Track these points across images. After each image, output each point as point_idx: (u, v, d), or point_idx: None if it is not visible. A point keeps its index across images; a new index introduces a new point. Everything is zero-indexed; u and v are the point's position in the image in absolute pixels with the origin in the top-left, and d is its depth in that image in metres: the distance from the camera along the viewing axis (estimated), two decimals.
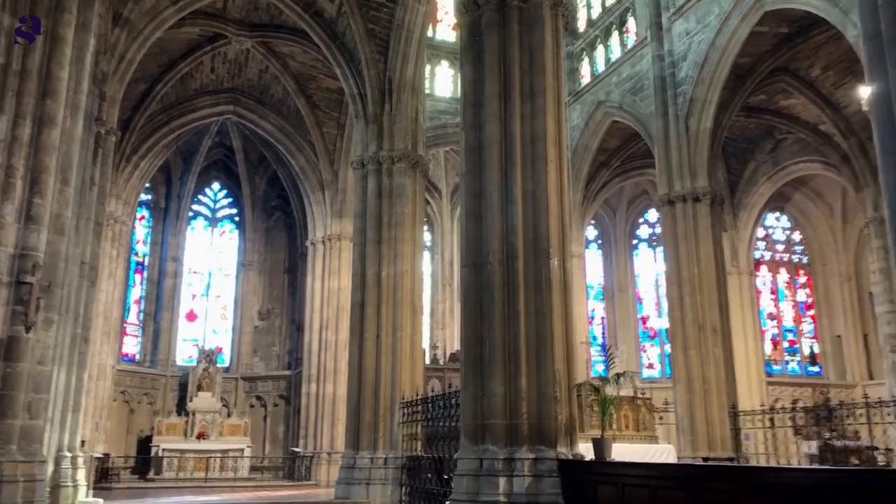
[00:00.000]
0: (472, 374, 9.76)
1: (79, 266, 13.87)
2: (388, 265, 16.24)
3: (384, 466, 15.05)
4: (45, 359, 8.24)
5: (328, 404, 22.16)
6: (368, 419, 15.50)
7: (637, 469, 8.13)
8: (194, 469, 21.44)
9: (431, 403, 14.35)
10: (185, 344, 26.06)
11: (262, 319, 26.80)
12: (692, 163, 19.03)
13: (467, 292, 10.13)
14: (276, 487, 20.07)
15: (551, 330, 9.39)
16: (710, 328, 17.94)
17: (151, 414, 23.76)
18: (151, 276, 25.61)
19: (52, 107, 8.51)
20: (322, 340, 22.78)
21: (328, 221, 23.42)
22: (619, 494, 7.69)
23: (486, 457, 9.22)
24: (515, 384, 9.30)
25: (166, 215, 26.08)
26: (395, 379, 15.56)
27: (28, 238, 8.14)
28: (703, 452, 17.09)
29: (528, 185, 9.90)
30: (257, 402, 25.72)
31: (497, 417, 9.28)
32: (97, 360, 18.93)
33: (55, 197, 8.50)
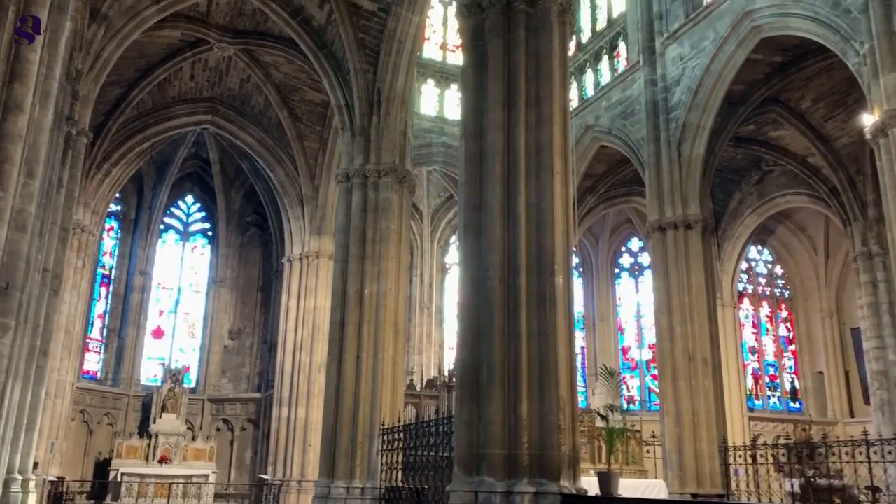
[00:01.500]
0: (467, 399, 9.04)
1: (41, 273, 12.92)
2: (371, 283, 15.51)
3: (361, 497, 14.18)
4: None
5: (300, 429, 21.17)
6: (345, 446, 14.64)
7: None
8: (155, 495, 20.23)
9: (414, 430, 13.54)
10: (151, 362, 24.88)
11: (232, 339, 25.75)
12: (684, 189, 18.66)
13: (465, 310, 9.45)
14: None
15: (555, 352, 8.73)
16: (701, 359, 17.42)
17: (111, 435, 22.49)
18: (117, 290, 24.48)
19: (20, 91, 7.72)
20: (296, 362, 21.85)
21: (306, 238, 22.63)
22: None
23: (482, 489, 8.47)
24: (515, 411, 8.60)
25: (136, 227, 25.04)
26: (375, 403, 14.75)
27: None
28: (691, 488, 16.46)
29: (533, 198, 9.29)
30: (224, 425, 24.56)
31: (495, 447, 8.56)
32: (56, 376, 17.83)
33: (18, 190, 7.68)
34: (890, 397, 19.72)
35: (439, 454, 12.31)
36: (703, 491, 16.32)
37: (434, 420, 13.39)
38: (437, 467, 12.77)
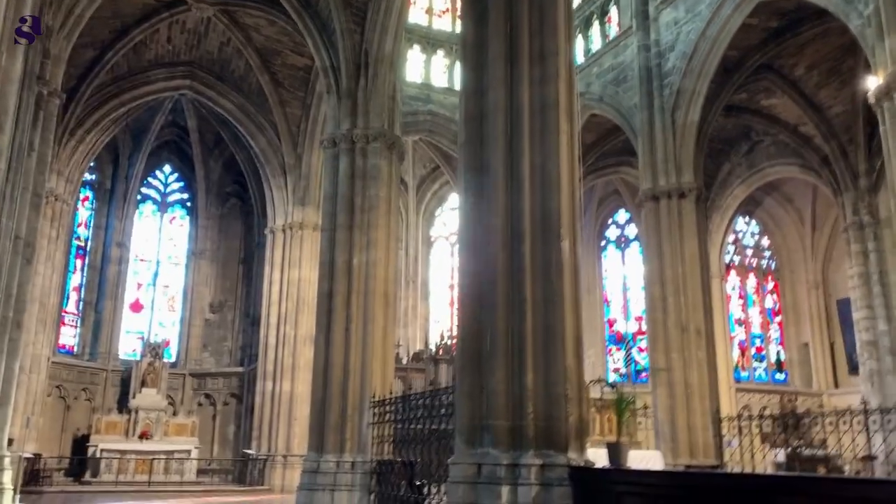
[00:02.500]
0: (469, 370, 8.61)
1: (12, 240, 12.25)
2: (360, 252, 14.99)
3: (351, 471, 13.79)
4: None
5: (285, 403, 20.71)
6: (335, 419, 14.21)
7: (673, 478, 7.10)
8: (136, 471, 19.70)
9: (406, 403, 13.16)
10: (129, 336, 24.21)
11: (213, 312, 25.14)
12: (678, 157, 18.33)
13: (466, 277, 8.99)
14: (226, 493, 18.56)
15: (562, 320, 8.31)
16: (694, 330, 17.21)
17: (90, 411, 21.88)
18: (94, 262, 23.72)
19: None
20: (280, 335, 21.33)
21: (289, 208, 21.99)
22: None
23: (485, 462, 8.08)
24: (520, 381, 8.19)
25: (112, 197, 24.21)
26: (365, 375, 14.32)
27: None
28: (684, 459, 16.31)
29: (537, 159, 8.81)
30: (206, 400, 24.03)
31: (499, 418, 8.16)
32: (31, 350, 17.18)
33: None
34: (879, 367, 19.67)
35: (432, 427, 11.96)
36: (696, 462, 16.17)
37: (427, 392, 13.02)
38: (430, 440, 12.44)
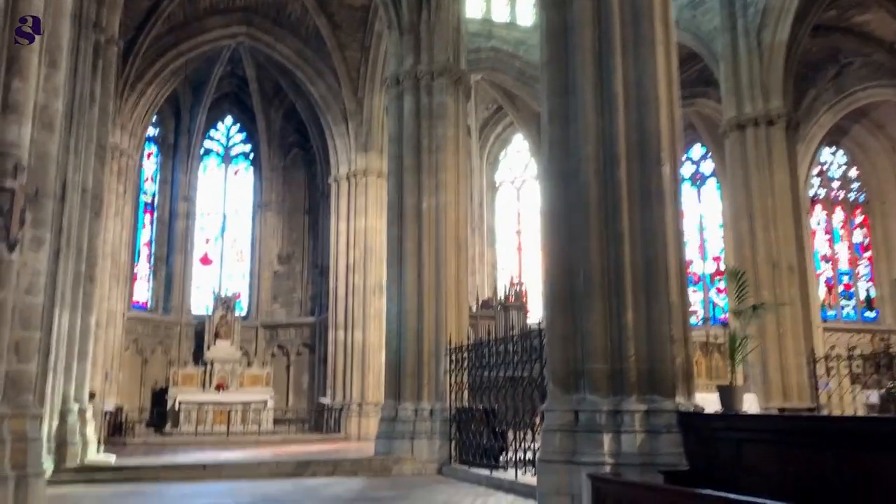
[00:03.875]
0: (560, 311, 7.97)
1: (80, 193, 12.06)
2: (429, 196, 14.38)
3: (430, 419, 13.42)
4: (35, 288, 6.48)
5: (357, 353, 20.52)
6: (411, 367, 13.82)
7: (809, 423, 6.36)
8: (214, 422, 19.92)
9: (485, 349, 12.65)
10: (200, 290, 24.35)
11: (281, 264, 25.04)
12: (765, 81, 16.97)
13: (553, 211, 8.28)
14: (304, 441, 18.56)
15: (664, 254, 7.57)
16: (786, 266, 16.12)
17: (166, 364, 22.20)
18: (161, 216, 23.78)
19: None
20: (349, 285, 21.04)
21: (352, 156, 21.45)
22: (778, 458, 5.90)
23: (583, 408, 7.49)
24: (619, 321, 7.52)
25: (176, 152, 24.12)
26: (440, 322, 13.84)
27: (6, 131, 6.29)
28: (776, 402, 15.43)
29: (631, 74, 7.95)
30: (279, 351, 24.13)
31: (596, 361, 7.52)
32: (106, 305, 17.26)
33: (40, 83, 6.62)
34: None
35: (516, 374, 11.43)
36: (790, 405, 15.28)
37: (509, 337, 12.46)
38: (511, 387, 11.93)
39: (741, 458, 6.34)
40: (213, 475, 11.87)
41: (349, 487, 10.82)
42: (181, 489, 10.47)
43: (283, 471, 12.31)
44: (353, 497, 9.79)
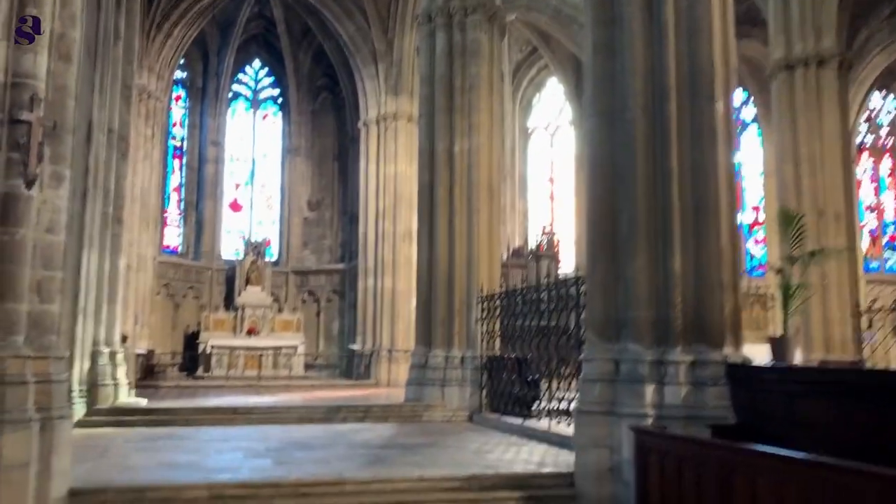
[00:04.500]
0: (601, 256, 7.56)
1: (106, 134, 11.82)
2: (462, 138, 13.91)
3: (461, 367, 13.22)
4: (57, 226, 6.24)
5: (387, 300, 20.36)
6: (442, 315, 13.58)
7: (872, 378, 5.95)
8: (246, 367, 20.03)
9: (517, 297, 12.33)
10: (230, 236, 24.29)
11: (311, 210, 24.82)
12: (816, 19, 16.01)
13: (596, 150, 7.79)
14: (335, 387, 18.58)
15: (715, 195, 7.09)
16: (833, 215, 15.45)
17: (198, 309, 22.29)
18: (191, 161, 23.60)
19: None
20: (379, 231, 20.76)
21: (382, 99, 20.92)
22: (838, 413, 5.52)
23: (624, 358, 7.14)
24: (665, 266, 7.10)
25: (204, 95, 23.77)
26: (472, 270, 13.51)
27: (21, 61, 5.97)
28: (818, 354, 14.95)
29: (682, 1, 7.35)
30: (309, 297, 24.10)
31: (639, 309, 7.14)
32: (136, 249, 17.21)
33: (56, 11, 6.26)
34: None
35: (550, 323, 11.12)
36: (833, 357, 14.80)
37: (543, 285, 12.11)
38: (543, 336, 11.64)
39: (795, 412, 5.98)
40: (243, 419, 11.84)
41: (380, 433, 10.69)
42: (212, 433, 10.42)
43: (314, 416, 12.23)
44: (384, 443, 9.65)
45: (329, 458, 8.21)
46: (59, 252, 6.33)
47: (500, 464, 8.02)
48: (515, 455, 8.77)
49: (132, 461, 7.87)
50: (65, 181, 6.33)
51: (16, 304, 5.85)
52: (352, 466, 7.70)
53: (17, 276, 5.87)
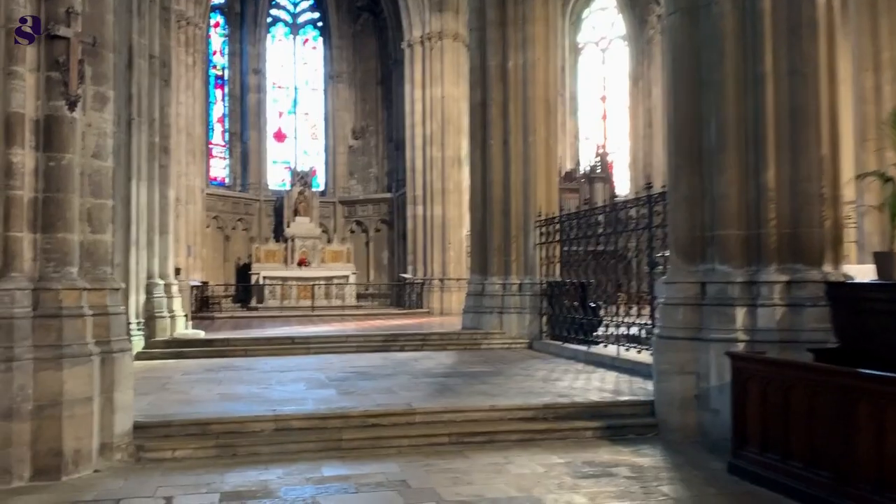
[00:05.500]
0: (685, 169, 6.92)
1: (147, 60, 11.36)
2: (516, 53, 13.10)
3: (519, 293, 12.81)
4: (103, 151, 5.86)
5: (437, 228, 19.96)
6: (497, 241, 13.09)
7: None
8: (298, 297, 20.01)
9: (581, 220, 11.76)
10: (276, 166, 24.03)
11: (356, 138, 24.32)
12: None
13: (677, 50, 7.06)
14: (388, 316, 18.44)
15: (815, 99, 6.35)
16: None
17: (248, 241, 22.26)
18: (233, 91, 23.17)
19: None
20: (426, 158, 20.20)
21: (426, 17, 20.00)
22: None
23: (711, 280, 6.59)
24: (757, 179, 6.45)
25: (243, 21, 23.13)
26: (529, 193, 12.91)
27: None
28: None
29: None
30: (358, 227, 23.86)
31: (728, 226, 6.54)
32: (184, 181, 16.96)
33: None
34: None
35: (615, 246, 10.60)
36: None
37: (608, 205, 11.50)
38: (610, 259, 11.12)
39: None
40: (301, 349, 11.70)
41: (440, 362, 10.43)
42: (271, 363, 10.28)
43: (371, 345, 12.05)
44: (447, 371, 9.36)
45: (394, 388, 7.94)
46: (108, 179, 5.98)
47: (573, 392, 7.65)
48: (586, 383, 8.39)
49: (194, 393, 7.71)
50: (109, 103, 5.92)
51: (67, 234, 5.54)
52: (419, 396, 7.41)
53: (66, 204, 5.54)
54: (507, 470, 5.55)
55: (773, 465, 5.05)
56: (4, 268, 5.29)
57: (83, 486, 5.14)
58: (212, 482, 5.21)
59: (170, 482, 5.20)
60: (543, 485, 5.16)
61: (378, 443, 6.20)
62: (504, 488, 5.09)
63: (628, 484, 5.20)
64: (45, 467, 5.22)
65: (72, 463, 5.31)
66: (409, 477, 5.34)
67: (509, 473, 5.46)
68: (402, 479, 5.27)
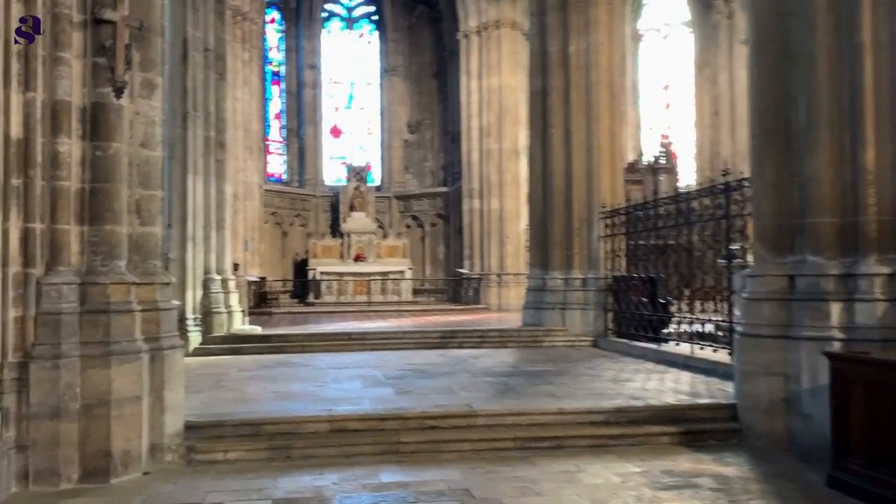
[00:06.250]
0: (770, 151, 6.34)
1: (202, 53, 11.25)
2: (578, 37, 12.57)
3: (583, 288, 12.29)
4: (152, 140, 5.64)
5: (494, 221, 19.52)
6: (559, 234, 12.59)
7: None
8: (355, 293, 19.85)
9: (649, 211, 11.16)
10: (332, 162, 23.96)
11: (411, 132, 24.04)
12: None
13: (761, 21, 6.48)
14: (445, 311, 18.10)
15: None
16: None
17: (304, 236, 22.25)
18: (289, 87, 23.17)
19: None
20: (483, 150, 19.78)
21: (482, 6, 19.57)
22: None
23: (801, 272, 6.00)
24: (855, 161, 5.83)
25: (298, 16, 23.10)
26: (592, 183, 12.37)
27: None
28: None
29: None
30: (413, 222, 23.60)
31: (821, 213, 5.94)
32: (242, 177, 16.98)
33: None
34: None
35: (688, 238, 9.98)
36: None
37: (682, 195, 10.87)
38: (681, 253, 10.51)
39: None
40: (358, 345, 11.45)
41: (501, 360, 10.00)
42: (327, 359, 10.04)
43: (429, 341, 11.72)
44: (509, 371, 8.94)
45: (453, 387, 7.57)
46: (157, 169, 5.75)
47: (646, 394, 7.14)
48: (659, 384, 7.86)
49: (248, 391, 7.48)
50: (157, 90, 5.69)
51: (115, 226, 5.32)
52: (480, 397, 7.01)
53: (114, 195, 5.33)
54: (578, 479, 5.11)
55: (883, 481, 4.47)
56: (51, 261, 5.10)
57: (132, 490, 4.91)
58: (264, 487, 4.92)
59: (220, 487, 4.93)
60: (620, 497, 4.71)
61: (438, 447, 5.82)
62: (577, 500, 4.65)
63: (714, 497, 4.70)
64: (93, 469, 5.01)
65: (121, 465, 5.10)
66: (472, 485, 4.95)
67: (581, 483, 5.01)
68: (465, 488, 4.89)
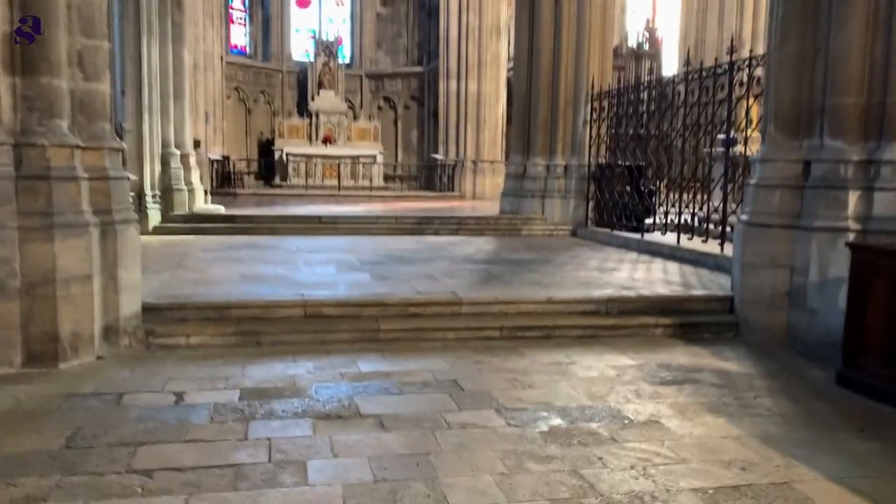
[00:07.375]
0: (796, 21, 5.70)
1: None
2: None
3: (564, 176, 11.81)
4: None
5: (472, 105, 18.67)
6: (543, 117, 11.95)
7: None
8: (324, 176, 19.09)
9: (641, 93, 10.52)
10: (300, 35, 22.52)
11: (384, 4, 22.57)
12: None
13: None
14: (418, 198, 17.52)
15: None
16: None
17: (270, 115, 21.17)
18: None
19: None
20: (462, 26, 18.63)
21: None
22: None
23: (818, 157, 5.53)
24: (888, 34, 5.24)
25: None
26: (580, 64, 11.63)
27: None
28: None
29: None
30: (385, 103, 22.56)
31: (845, 93, 5.39)
32: (202, 46, 15.76)
33: None
34: None
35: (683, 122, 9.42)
36: None
37: (680, 75, 10.21)
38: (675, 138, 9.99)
39: None
40: (329, 229, 10.92)
41: (480, 247, 9.59)
42: (297, 243, 9.51)
43: (403, 227, 11.23)
44: (489, 258, 8.53)
45: (434, 274, 7.13)
46: (102, 14, 4.93)
47: (636, 284, 6.79)
48: (647, 273, 7.51)
49: (213, 273, 6.95)
50: None
51: (53, 79, 4.56)
52: (463, 284, 6.59)
53: (50, 42, 4.53)
54: (571, 371, 4.76)
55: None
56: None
57: (83, 375, 4.43)
58: (231, 376, 4.47)
59: (182, 374, 4.47)
60: (618, 392, 4.36)
61: (420, 335, 5.42)
62: (572, 394, 4.30)
63: (719, 394, 4.39)
64: (39, 353, 4.50)
65: (70, 348, 4.59)
66: (459, 376, 4.56)
67: (575, 376, 4.67)
68: (453, 379, 4.50)
